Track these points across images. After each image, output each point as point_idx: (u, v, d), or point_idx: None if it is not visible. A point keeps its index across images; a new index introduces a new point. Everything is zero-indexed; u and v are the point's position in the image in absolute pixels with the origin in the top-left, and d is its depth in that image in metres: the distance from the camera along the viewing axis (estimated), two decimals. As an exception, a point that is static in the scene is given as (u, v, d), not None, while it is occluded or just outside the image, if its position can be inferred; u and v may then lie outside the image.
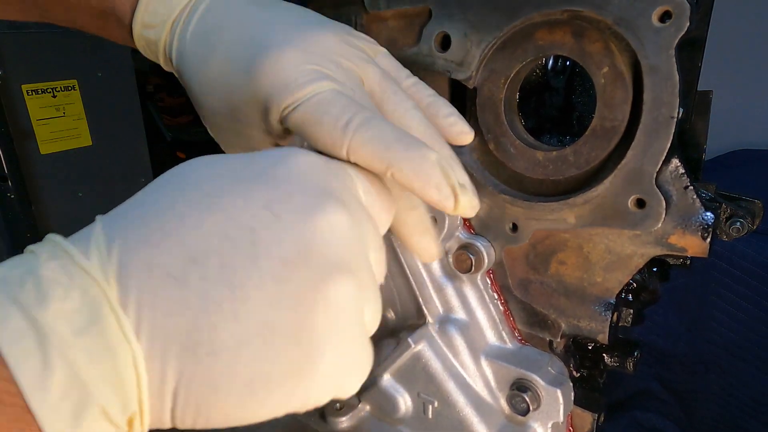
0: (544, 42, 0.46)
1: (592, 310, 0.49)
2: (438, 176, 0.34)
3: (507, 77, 0.48)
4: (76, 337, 0.24)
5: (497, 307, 0.55)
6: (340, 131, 0.34)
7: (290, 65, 0.37)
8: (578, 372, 0.54)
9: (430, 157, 0.34)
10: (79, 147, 1.72)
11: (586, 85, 0.59)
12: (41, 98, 1.61)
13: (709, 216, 0.42)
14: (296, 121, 0.36)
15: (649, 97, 0.41)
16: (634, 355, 0.52)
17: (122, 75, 1.82)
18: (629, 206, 0.44)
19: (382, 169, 0.34)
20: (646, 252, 0.46)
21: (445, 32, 0.49)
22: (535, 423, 0.52)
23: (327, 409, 0.62)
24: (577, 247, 0.49)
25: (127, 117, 1.86)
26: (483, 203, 0.52)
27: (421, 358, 0.55)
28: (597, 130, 0.45)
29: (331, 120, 0.34)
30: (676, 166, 0.42)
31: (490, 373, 0.54)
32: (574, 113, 0.61)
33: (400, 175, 0.34)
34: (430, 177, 0.34)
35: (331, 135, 0.34)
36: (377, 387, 0.58)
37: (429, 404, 0.55)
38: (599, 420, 0.54)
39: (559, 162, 0.48)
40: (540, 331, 0.53)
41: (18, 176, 1.55)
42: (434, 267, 0.55)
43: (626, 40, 0.41)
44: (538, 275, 0.52)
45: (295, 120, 0.36)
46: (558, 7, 0.43)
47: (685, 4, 0.38)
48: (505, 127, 0.50)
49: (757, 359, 1.44)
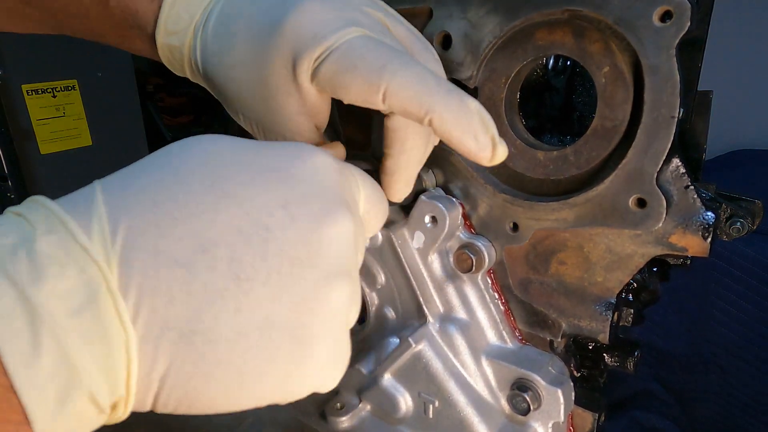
0: (545, 42, 0.46)
1: (593, 309, 0.49)
2: (478, 125, 0.33)
3: (508, 77, 0.49)
4: (69, 319, 0.23)
5: (498, 306, 0.55)
6: (377, 74, 0.33)
7: (315, 17, 0.36)
8: (579, 372, 0.54)
9: (471, 106, 0.33)
10: (79, 147, 1.72)
11: (587, 84, 0.59)
12: (41, 98, 1.61)
13: (710, 216, 0.42)
14: (328, 72, 0.35)
15: (650, 97, 0.41)
16: (634, 355, 0.52)
17: (122, 75, 1.82)
18: (630, 206, 0.44)
19: (420, 114, 0.33)
20: (646, 252, 0.46)
21: (445, 32, 0.49)
22: (536, 423, 0.52)
23: (327, 409, 0.62)
24: (578, 246, 0.49)
25: (127, 117, 1.85)
26: (483, 203, 0.52)
27: (422, 358, 0.55)
28: (598, 129, 0.45)
29: (366, 63, 0.33)
30: (676, 166, 0.42)
31: (490, 372, 0.54)
32: (575, 113, 0.61)
33: (440, 121, 0.33)
34: (471, 125, 0.33)
35: (366, 79, 0.33)
36: (378, 387, 0.58)
37: (429, 404, 0.55)
38: (600, 420, 0.54)
39: (560, 162, 0.48)
40: (540, 331, 0.54)
41: (18, 176, 1.55)
42: (435, 266, 0.55)
43: (627, 40, 0.41)
44: (538, 275, 0.52)
45: (326, 71, 0.35)
46: (558, 7, 0.43)
47: (686, 4, 0.38)
48: (505, 126, 0.50)
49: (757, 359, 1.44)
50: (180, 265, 0.26)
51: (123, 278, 0.25)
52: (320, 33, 0.35)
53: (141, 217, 0.26)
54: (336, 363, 0.31)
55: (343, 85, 0.34)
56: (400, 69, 0.33)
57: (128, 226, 0.26)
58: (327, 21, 0.35)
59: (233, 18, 0.39)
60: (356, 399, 0.62)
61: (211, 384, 0.27)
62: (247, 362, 0.27)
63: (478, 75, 0.49)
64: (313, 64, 0.35)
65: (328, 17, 0.36)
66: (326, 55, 0.35)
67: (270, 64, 0.37)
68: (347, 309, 0.31)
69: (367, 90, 0.33)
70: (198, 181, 0.28)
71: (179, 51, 0.43)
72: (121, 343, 0.25)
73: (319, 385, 0.31)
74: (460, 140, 0.33)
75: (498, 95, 0.49)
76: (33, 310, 0.22)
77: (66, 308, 0.23)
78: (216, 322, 0.26)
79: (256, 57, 0.38)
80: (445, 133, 0.33)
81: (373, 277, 0.59)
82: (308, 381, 0.30)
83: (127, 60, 1.82)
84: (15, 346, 0.22)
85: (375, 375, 0.59)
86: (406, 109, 0.33)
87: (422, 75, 0.33)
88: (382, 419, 0.61)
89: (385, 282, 0.59)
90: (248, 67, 0.39)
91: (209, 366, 0.26)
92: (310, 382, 0.30)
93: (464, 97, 0.33)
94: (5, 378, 0.22)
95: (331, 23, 0.35)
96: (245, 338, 0.27)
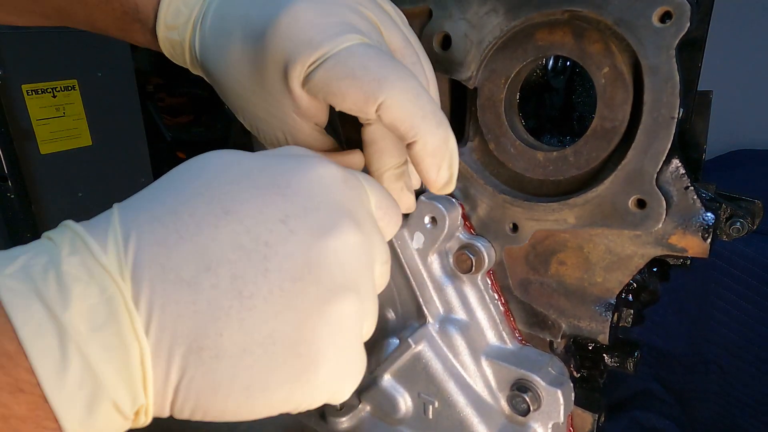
0: (545, 42, 0.46)
1: (593, 310, 0.49)
2: (447, 161, 0.35)
3: (507, 77, 0.48)
4: (93, 334, 0.25)
5: (498, 307, 0.55)
6: (376, 85, 0.33)
7: (311, 19, 0.35)
8: (579, 372, 0.54)
9: (450, 143, 0.35)
10: (79, 147, 1.72)
11: (587, 85, 0.59)
12: (41, 98, 1.61)
13: (710, 216, 0.42)
14: (322, 78, 0.34)
15: (650, 97, 0.41)
16: (634, 355, 0.52)
17: (122, 75, 1.82)
18: (630, 206, 0.44)
19: (407, 135, 0.34)
20: (646, 252, 0.46)
21: (445, 32, 0.49)
22: (536, 423, 0.52)
23: (327, 410, 0.62)
24: (578, 247, 0.49)
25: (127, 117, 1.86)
26: (483, 203, 0.52)
27: (422, 359, 0.55)
28: (597, 130, 0.45)
29: (366, 73, 0.33)
30: (676, 167, 0.42)
31: (490, 373, 0.54)
32: (575, 113, 0.61)
33: (421, 147, 0.34)
34: (443, 160, 0.35)
35: (365, 89, 0.33)
36: (377, 387, 0.58)
37: (429, 404, 0.55)
38: (599, 420, 0.54)
39: (560, 162, 0.48)
40: (540, 332, 0.53)
41: (18, 176, 1.55)
42: (435, 267, 0.55)
43: (626, 41, 0.41)
44: (538, 275, 0.52)
45: (321, 77, 0.34)
46: (558, 8, 0.43)
47: (686, 5, 0.38)
48: (505, 127, 0.50)
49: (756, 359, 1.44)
50: (186, 283, 0.27)
51: (134, 291, 0.26)
52: (316, 38, 0.34)
53: (149, 232, 0.27)
54: (346, 376, 0.31)
55: (338, 93, 0.34)
56: (399, 83, 0.33)
57: (137, 240, 0.27)
58: (323, 25, 0.35)
59: (230, 14, 0.39)
60: (356, 399, 0.62)
61: (220, 396, 0.28)
62: (252, 376, 0.28)
63: (477, 75, 0.49)
64: (306, 69, 0.35)
65: (324, 21, 0.35)
66: (321, 62, 0.34)
67: (263, 67, 0.37)
68: (355, 323, 0.31)
69: (363, 100, 0.33)
70: (202, 201, 0.29)
71: (180, 45, 0.43)
72: (137, 355, 0.26)
73: (330, 396, 0.31)
74: (428, 167, 0.35)
75: (498, 95, 0.49)
76: (61, 327, 0.24)
77: (90, 325, 0.25)
78: (221, 338, 0.27)
79: (250, 57, 0.38)
80: (419, 157, 0.35)
81: (372, 277, 0.59)
82: (316, 394, 0.30)
83: (127, 60, 1.82)
84: (46, 360, 0.24)
85: (375, 375, 0.59)
86: (395, 125, 0.34)
87: (419, 94, 0.34)
88: (382, 420, 0.61)
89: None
90: (244, 67, 0.38)
91: (217, 379, 0.27)
92: (318, 395, 0.30)
93: (449, 131, 0.35)
94: (39, 389, 0.24)
95: (328, 28, 0.35)
96: (249, 354, 0.27)
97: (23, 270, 0.25)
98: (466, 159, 0.52)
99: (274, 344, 0.28)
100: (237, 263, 0.27)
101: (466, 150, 0.52)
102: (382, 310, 0.60)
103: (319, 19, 0.35)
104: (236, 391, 0.28)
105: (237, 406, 0.28)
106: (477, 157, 0.53)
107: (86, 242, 0.26)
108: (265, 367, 0.28)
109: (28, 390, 0.24)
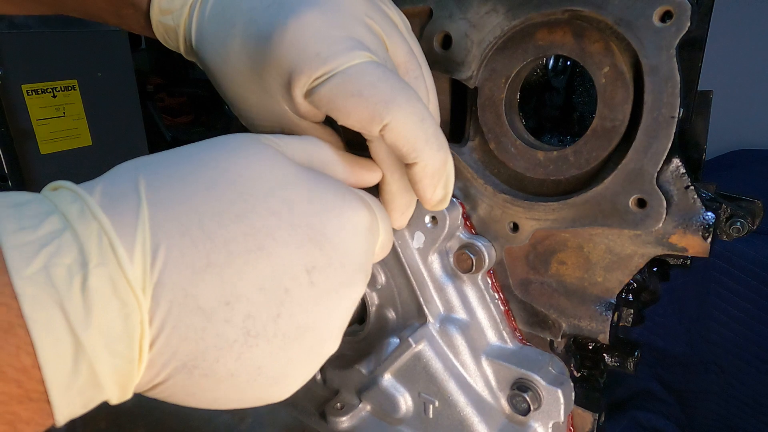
0: (545, 42, 0.46)
1: (593, 309, 0.49)
2: (443, 182, 0.37)
3: (508, 77, 0.49)
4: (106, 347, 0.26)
5: (498, 306, 0.55)
6: (384, 106, 0.33)
7: (320, 31, 0.34)
8: (579, 372, 0.54)
9: (449, 165, 0.37)
10: (79, 147, 1.72)
11: (587, 85, 0.59)
12: (41, 98, 1.61)
13: (710, 216, 0.42)
14: (327, 94, 0.34)
15: (650, 97, 0.41)
16: (634, 355, 0.52)
17: (122, 75, 1.82)
18: (630, 206, 0.44)
19: (409, 157, 0.35)
20: (646, 252, 0.46)
21: (445, 32, 0.49)
22: (536, 423, 0.52)
23: (327, 409, 0.62)
24: (578, 247, 0.49)
25: (127, 117, 1.86)
26: (483, 203, 0.52)
27: (422, 358, 0.55)
28: (598, 130, 0.45)
29: (376, 93, 0.33)
30: (676, 166, 0.42)
31: (490, 372, 0.54)
32: (575, 113, 0.61)
33: (421, 168, 0.36)
34: (440, 180, 0.37)
35: (372, 109, 0.33)
36: (378, 387, 0.58)
37: (429, 404, 0.55)
38: (600, 420, 0.54)
39: (560, 162, 0.48)
40: (541, 331, 0.54)
41: (18, 176, 1.55)
42: (435, 267, 0.55)
43: (627, 40, 0.41)
44: (538, 275, 0.52)
45: (326, 92, 0.34)
46: (558, 7, 0.43)
47: (686, 4, 0.38)
48: (505, 126, 0.50)
49: (756, 359, 1.44)
50: (202, 312, 0.28)
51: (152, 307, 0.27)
52: (324, 52, 0.34)
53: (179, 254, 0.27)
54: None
55: (343, 110, 0.34)
56: (405, 106, 0.34)
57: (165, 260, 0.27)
58: (332, 39, 0.34)
59: (232, 4, 0.38)
60: (356, 399, 0.62)
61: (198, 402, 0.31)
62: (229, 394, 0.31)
63: (478, 75, 0.49)
64: (311, 82, 0.34)
65: (333, 34, 0.34)
66: (328, 77, 0.34)
67: (265, 69, 0.36)
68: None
69: (368, 119, 0.34)
70: (239, 232, 0.29)
71: (174, 31, 0.42)
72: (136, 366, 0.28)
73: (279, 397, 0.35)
74: (425, 187, 0.37)
75: (498, 95, 0.49)
76: (79, 345, 0.25)
77: (105, 341, 0.26)
78: (216, 364, 0.29)
79: (251, 54, 0.37)
80: (418, 178, 0.37)
81: (373, 277, 0.59)
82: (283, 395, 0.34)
83: (127, 60, 1.82)
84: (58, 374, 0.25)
85: (375, 375, 0.59)
86: (397, 145, 0.35)
87: (423, 118, 0.35)
88: (382, 419, 0.61)
89: (385, 282, 0.59)
90: (242, 61, 0.38)
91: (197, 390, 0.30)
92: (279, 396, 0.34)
93: (448, 154, 0.37)
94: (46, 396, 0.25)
95: (337, 42, 0.34)
96: (235, 379, 0.30)
97: (45, 272, 0.24)
98: (466, 158, 0.52)
99: (260, 376, 0.31)
100: (254, 303, 0.29)
101: (466, 149, 0.53)
102: (382, 310, 0.60)
103: (328, 31, 0.34)
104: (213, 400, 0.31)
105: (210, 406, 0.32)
106: (477, 157, 0.53)
107: (114, 249, 0.26)
108: (245, 390, 0.31)
109: (35, 398, 0.25)
